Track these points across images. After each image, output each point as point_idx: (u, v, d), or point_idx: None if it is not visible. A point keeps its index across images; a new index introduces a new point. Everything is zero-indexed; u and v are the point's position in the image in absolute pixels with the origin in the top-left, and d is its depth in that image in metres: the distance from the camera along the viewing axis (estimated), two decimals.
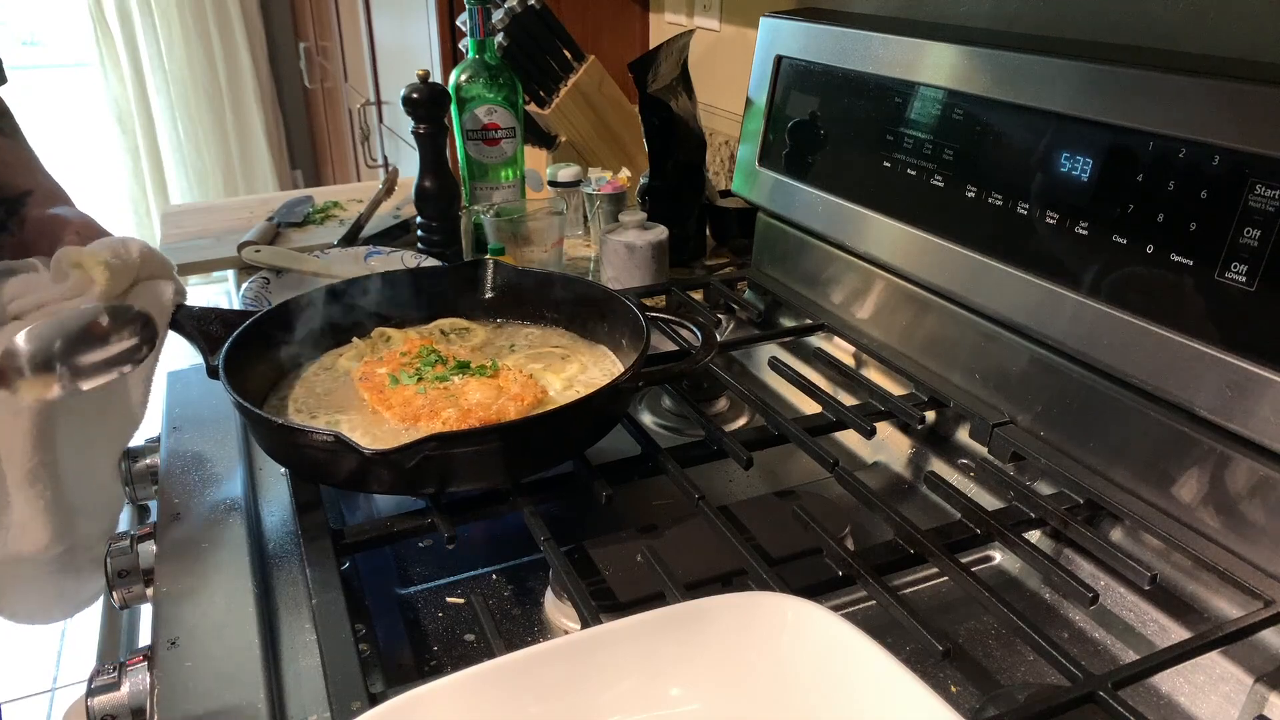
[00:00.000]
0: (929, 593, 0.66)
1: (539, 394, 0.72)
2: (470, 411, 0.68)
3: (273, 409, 0.73)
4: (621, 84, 1.37)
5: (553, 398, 0.73)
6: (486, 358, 0.79)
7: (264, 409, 0.72)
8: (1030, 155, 0.69)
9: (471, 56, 1.16)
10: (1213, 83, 0.57)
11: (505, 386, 0.72)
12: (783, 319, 1.01)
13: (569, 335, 0.85)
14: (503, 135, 1.17)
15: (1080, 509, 0.66)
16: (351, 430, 0.69)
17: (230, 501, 0.69)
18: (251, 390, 0.72)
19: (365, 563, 0.68)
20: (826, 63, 0.90)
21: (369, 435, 0.69)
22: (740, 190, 1.06)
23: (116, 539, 0.66)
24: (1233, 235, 0.55)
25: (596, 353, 0.82)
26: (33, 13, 3.81)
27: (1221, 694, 0.55)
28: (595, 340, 0.84)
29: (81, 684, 0.58)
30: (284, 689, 0.53)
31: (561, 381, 0.76)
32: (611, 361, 0.81)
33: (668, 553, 0.61)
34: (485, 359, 0.78)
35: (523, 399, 0.70)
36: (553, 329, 0.86)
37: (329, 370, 0.79)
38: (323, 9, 2.85)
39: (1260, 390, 0.55)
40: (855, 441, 0.84)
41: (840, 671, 0.46)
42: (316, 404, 0.74)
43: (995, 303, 0.73)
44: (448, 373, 0.74)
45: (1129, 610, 0.62)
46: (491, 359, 0.78)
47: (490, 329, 0.86)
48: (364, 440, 0.64)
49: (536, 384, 0.73)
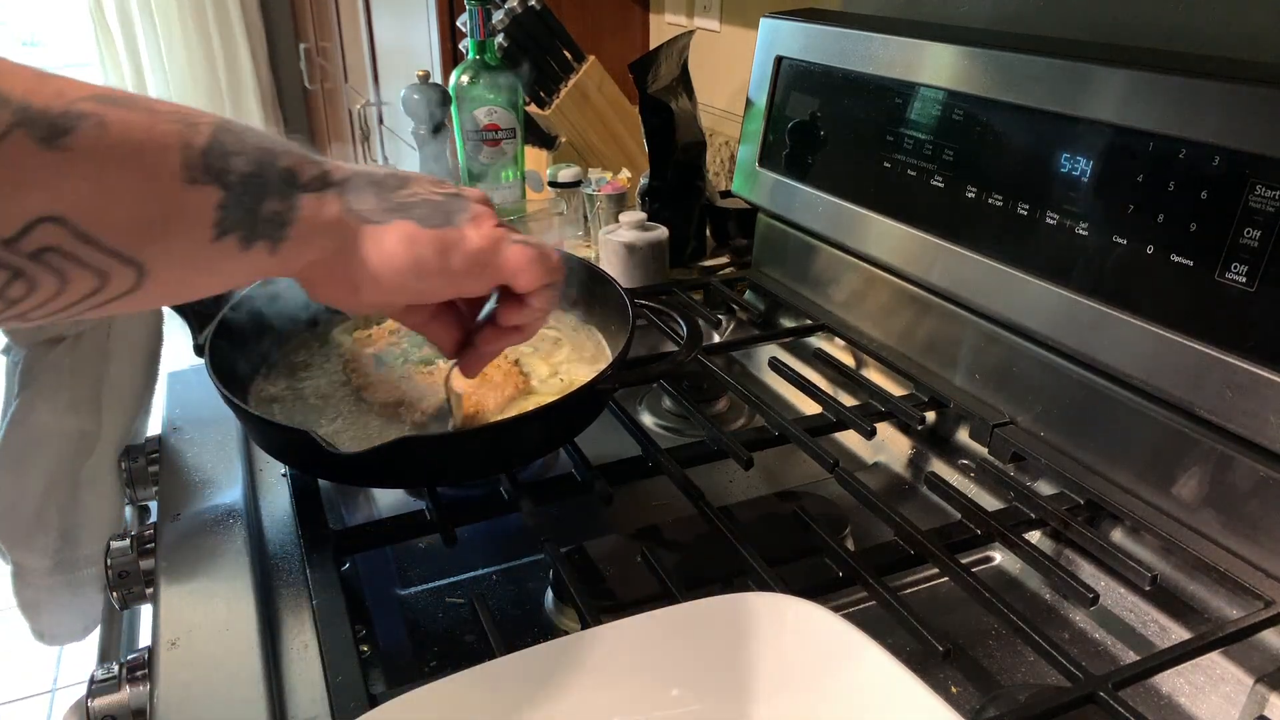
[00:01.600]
0: (929, 593, 0.66)
1: (520, 384, 0.72)
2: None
3: (261, 389, 0.73)
4: (621, 84, 1.37)
5: (535, 387, 0.73)
6: None
7: (254, 387, 0.72)
8: (1030, 155, 0.69)
9: (472, 57, 1.16)
10: (1213, 83, 0.57)
11: (489, 375, 0.71)
12: (783, 319, 1.01)
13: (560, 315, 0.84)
14: (503, 136, 1.17)
15: (1080, 509, 0.66)
16: (334, 419, 0.69)
17: (230, 502, 0.69)
18: (242, 372, 0.72)
19: (365, 563, 0.68)
20: (826, 63, 0.90)
21: (351, 425, 0.69)
22: (740, 190, 1.06)
23: (116, 539, 0.66)
24: (1233, 235, 0.55)
25: (586, 337, 0.81)
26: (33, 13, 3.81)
27: (1222, 694, 0.55)
28: (587, 322, 0.82)
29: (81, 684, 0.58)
30: (284, 689, 0.53)
31: (548, 368, 0.75)
32: (597, 344, 0.80)
33: (668, 553, 0.61)
34: None
35: (504, 389, 0.70)
36: None
37: (322, 344, 0.79)
38: (323, 9, 2.84)
39: (1260, 390, 0.54)
40: (855, 442, 0.84)
41: (840, 672, 0.46)
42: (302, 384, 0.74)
43: (995, 303, 0.73)
44: (433, 355, 0.74)
45: (1129, 610, 0.62)
46: None
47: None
48: (345, 430, 0.66)
49: (519, 373, 0.73)
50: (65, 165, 0.32)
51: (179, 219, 0.36)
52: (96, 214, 0.33)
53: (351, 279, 0.45)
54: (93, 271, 0.34)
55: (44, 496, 0.79)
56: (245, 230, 0.39)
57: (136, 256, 0.35)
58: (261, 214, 0.39)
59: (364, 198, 0.44)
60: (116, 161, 0.33)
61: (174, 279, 0.38)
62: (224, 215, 0.37)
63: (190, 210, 0.36)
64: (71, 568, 0.82)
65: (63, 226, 0.32)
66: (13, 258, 0.31)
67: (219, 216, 0.37)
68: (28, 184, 0.31)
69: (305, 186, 0.41)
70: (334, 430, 0.68)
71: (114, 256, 0.34)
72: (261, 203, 0.39)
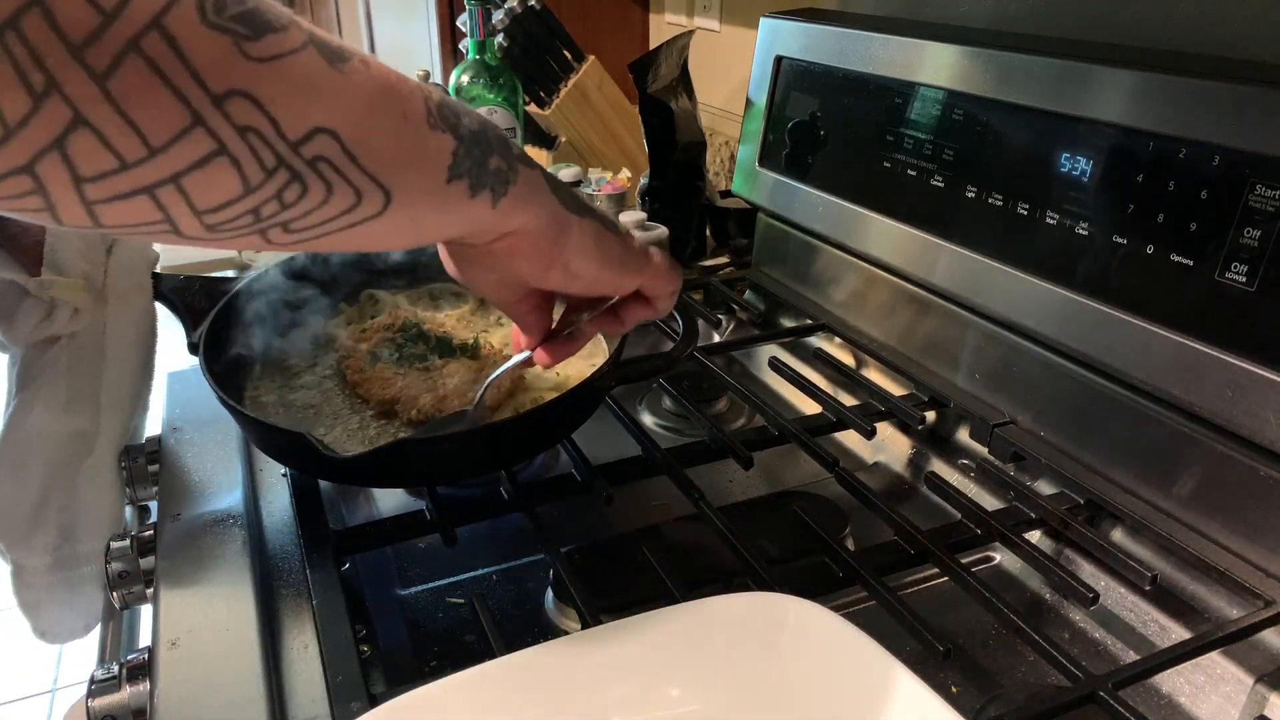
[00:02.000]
0: (929, 593, 0.66)
1: (515, 379, 0.72)
2: (446, 399, 0.68)
3: (256, 387, 0.73)
4: (621, 84, 1.37)
5: (530, 384, 0.73)
6: (471, 332, 0.78)
7: (249, 385, 0.73)
8: (1030, 155, 0.69)
9: (472, 57, 1.16)
10: (1213, 83, 0.57)
11: (485, 371, 0.71)
12: (783, 319, 1.01)
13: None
14: None
15: (1080, 509, 0.66)
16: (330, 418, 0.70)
17: (230, 502, 0.69)
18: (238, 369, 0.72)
19: (365, 563, 0.68)
20: (826, 63, 0.90)
21: (345, 423, 0.69)
22: (740, 190, 1.07)
23: (116, 539, 0.66)
24: (1233, 235, 0.55)
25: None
26: None
27: (1222, 694, 0.55)
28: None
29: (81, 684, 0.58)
30: (284, 689, 0.53)
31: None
32: (596, 342, 0.79)
33: (668, 553, 0.61)
34: (470, 334, 0.77)
35: (500, 386, 0.70)
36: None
37: (316, 342, 0.79)
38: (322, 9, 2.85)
39: (1260, 390, 0.55)
40: (855, 442, 0.84)
41: (840, 671, 0.46)
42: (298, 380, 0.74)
43: (995, 303, 0.73)
44: (428, 351, 0.74)
45: (1129, 610, 0.62)
46: (475, 335, 0.77)
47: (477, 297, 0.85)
48: (339, 427, 0.67)
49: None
50: (343, 85, 0.36)
51: (421, 156, 0.40)
52: (361, 136, 0.37)
53: (553, 256, 0.49)
54: (352, 189, 0.37)
55: (42, 496, 0.79)
56: (474, 179, 0.43)
57: (386, 183, 0.38)
58: (489, 167, 0.43)
59: (558, 187, 0.49)
60: (379, 95, 0.37)
61: (412, 211, 0.41)
62: (457, 161, 0.41)
63: (430, 150, 0.40)
64: (71, 565, 0.82)
65: (335, 140, 0.36)
66: (296, 160, 0.35)
67: (453, 161, 0.41)
68: (315, 94, 0.35)
69: (519, 158, 0.46)
70: (329, 428, 0.68)
71: (369, 178, 0.38)
72: (488, 158, 0.43)
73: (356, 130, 0.36)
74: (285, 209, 0.36)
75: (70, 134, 0.29)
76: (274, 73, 0.33)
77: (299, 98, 0.34)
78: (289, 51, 0.34)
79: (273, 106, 0.33)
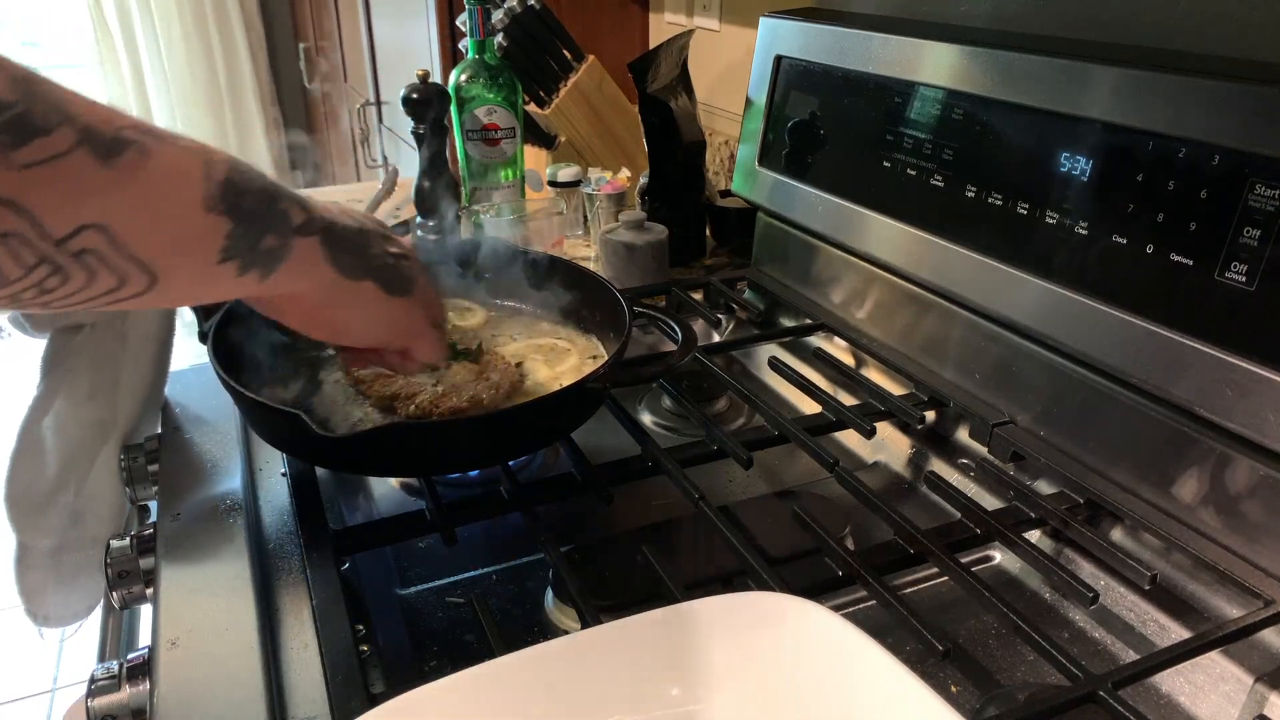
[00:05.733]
0: (929, 593, 0.66)
1: (515, 382, 0.72)
2: (445, 396, 0.68)
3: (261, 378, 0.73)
4: (621, 84, 1.36)
5: (528, 389, 0.73)
6: (474, 341, 0.79)
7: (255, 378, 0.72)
8: (1030, 155, 0.69)
9: (471, 57, 1.16)
10: (1213, 83, 0.57)
11: (485, 373, 0.72)
12: (783, 319, 1.01)
13: (562, 324, 0.84)
14: (502, 135, 1.17)
15: (1080, 509, 0.66)
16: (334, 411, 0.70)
17: (230, 501, 0.69)
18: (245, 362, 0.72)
19: (365, 563, 0.68)
20: (826, 63, 0.90)
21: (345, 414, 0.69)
22: (740, 190, 1.06)
23: (116, 539, 0.66)
24: (1233, 235, 0.55)
25: (589, 344, 0.81)
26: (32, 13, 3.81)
27: (1222, 694, 0.55)
28: (587, 330, 0.83)
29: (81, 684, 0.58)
30: (284, 689, 0.53)
31: (549, 372, 0.76)
32: (597, 348, 0.80)
33: (668, 553, 0.61)
34: (472, 342, 0.78)
35: (499, 387, 0.70)
36: (545, 315, 0.85)
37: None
38: (322, 9, 2.84)
39: (1260, 390, 0.55)
40: (855, 441, 0.84)
41: (840, 671, 0.46)
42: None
43: (995, 303, 0.73)
44: None
45: (1129, 610, 0.62)
46: (478, 342, 0.77)
47: (488, 311, 0.86)
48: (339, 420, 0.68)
49: (515, 371, 0.73)
50: (115, 181, 0.37)
51: (193, 242, 0.41)
52: (131, 228, 0.38)
53: (316, 319, 0.53)
54: (117, 274, 0.39)
55: (59, 480, 0.80)
56: (244, 259, 0.44)
57: (154, 266, 0.40)
58: (261, 247, 0.45)
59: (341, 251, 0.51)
60: (155, 185, 0.38)
61: (178, 289, 0.43)
62: (230, 244, 0.43)
63: (205, 236, 0.42)
64: (76, 549, 0.83)
65: (103, 233, 0.37)
66: (58, 255, 0.36)
67: (226, 244, 0.43)
68: (84, 194, 0.36)
69: (299, 230, 0.47)
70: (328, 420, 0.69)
71: (136, 264, 0.39)
72: (264, 237, 0.45)
73: (127, 224, 0.37)
74: (45, 294, 0.37)
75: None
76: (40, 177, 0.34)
77: (68, 200, 0.35)
78: (57, 155, 0.34)
79: (37, 210, 0.34)
